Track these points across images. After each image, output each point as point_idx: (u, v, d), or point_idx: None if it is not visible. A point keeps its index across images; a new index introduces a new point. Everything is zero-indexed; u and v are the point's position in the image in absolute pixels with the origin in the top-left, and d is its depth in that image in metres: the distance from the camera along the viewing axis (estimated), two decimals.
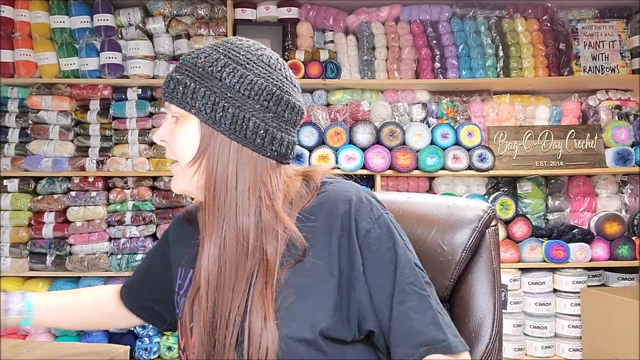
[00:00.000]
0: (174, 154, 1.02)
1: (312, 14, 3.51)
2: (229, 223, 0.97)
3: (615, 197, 3.49)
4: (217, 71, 0.97)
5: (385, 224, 0.99)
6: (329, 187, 1.05)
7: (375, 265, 0.95)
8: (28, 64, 3.32)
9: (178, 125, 1.01)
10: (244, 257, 0.97)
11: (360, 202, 0.99)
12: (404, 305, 0.93)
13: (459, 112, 3.49)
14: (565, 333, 3.32)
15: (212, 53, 0.99)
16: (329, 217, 0.98)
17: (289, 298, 0.93)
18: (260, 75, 0.98)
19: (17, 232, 3.27)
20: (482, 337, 1.14)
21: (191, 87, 0.97)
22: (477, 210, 1.20)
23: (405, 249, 0.98)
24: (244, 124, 0.97)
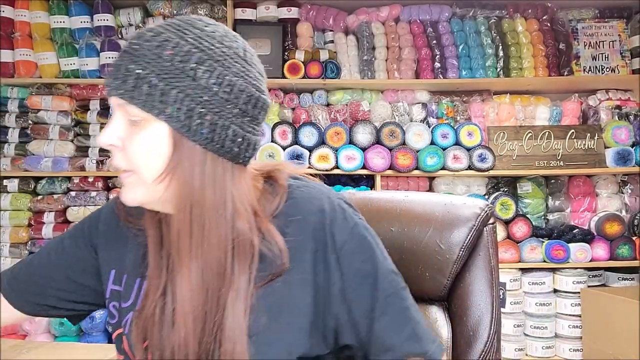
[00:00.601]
0: (129, 163, 0.86)
1: (312, 14, 3.51)
2: (210, 245, 0.85)
3: (615, 197, 3.49)
4: (190, 68, 0.81)
5: (360, 234, 0.92)
6: (296, 192, 0.94)
7: (353, 279, 0.89)
8: (28, 64, 3.32)
9: (137, 130, 0.84)
10: (222, 280, 0.86)
11: (334, 212, 0.91)
12: (384, 318, 0.89)
13: (459, 112, 3.49)
14: (565, 333, 3.32)
15: (180, 43, 0.82)
16: (300, 230, 0.89)
17: (261, 321, 0.85)
18: (239, 75, 0.85)
19: (17, 232, 3.27)
20: (480, 335, 1.14)
21: (159, 87, 0.80)
22: (474, 208, 1.20)
23: (383, 258, 0.93)
24: (222, 133, 0.84)
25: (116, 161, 0.87)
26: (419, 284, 1.18)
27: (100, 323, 3.19)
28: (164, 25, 0.84)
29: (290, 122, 3.36)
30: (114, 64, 0.84)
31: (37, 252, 1.11)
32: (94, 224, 1.06)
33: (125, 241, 1.00)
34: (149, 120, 0.82)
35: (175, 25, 0.84)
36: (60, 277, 1.06)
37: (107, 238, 1.03)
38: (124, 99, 0.82)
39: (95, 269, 1.04)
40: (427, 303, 1.22)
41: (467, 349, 1.14)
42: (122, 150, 0.86)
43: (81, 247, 1.05)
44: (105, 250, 1.03)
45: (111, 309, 1.00)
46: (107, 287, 1.01)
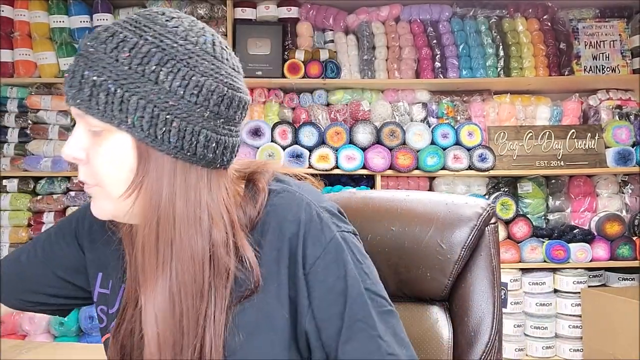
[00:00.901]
0: (94, 177, 0.80)
1: (312, 14, 3.50)
2: (182, 261, 0.78)
3: (616, 197, 3.48)
4: (151, 71, 0.73)
5: (337, 249, 0.83)
6: (276, 199, 0.86)
7: (323, 298, 0.81)
8: (27, 64, 3.31)
9: (99, 141, 0.77)
10: (199, 297, 0.79)
11: (310, 222, 0.83)
12: (350, 344, 0.80)
13: (459, 112, 3.48)
14: (565, 333, 3.32)
15: (139, 43, 0.74)
16: (277, 241, 0.83)
17: (239, 339, 0.80)
18: (208, 74, 0.78)
19: (17, 232, 3.27)
20: (481, 336, 1.14)
21: (118, 94, 0.73)
22: (475, 208, 1.19)
23: (358, 277, 0.83)
24: (193, 139, 0.77)
25: (81, 175, 0.81)
26: (420, 284, 1.17)
27: None
28: (121, 24, 0.77)
29: (290, 122, 3.35)
30: (68, 70, 0.77)
31: (24, 247, 1.07)
32: (81, 223, 1.02)
33: (110, 244, 0.94)
34: (111, 130, 0.76)
35: (133, 23, 0.77)
36: (49, 275, 1.02)
37: (93, 239, 0.99)
38: (81, 109, 0.75)
39: (83, 267, 1.01)
40: (428, 303, 1.21)
41: (469, 349, 1.14)
42: (87, 164, 0.80)
43: (69, 245, 1.02)
44: (91, 251, 0.99)
45: (99, 312, 0.97)
46: (95, 290, 0.97)
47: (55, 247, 1.03)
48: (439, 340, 1.17)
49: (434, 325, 1.19)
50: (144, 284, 0.79)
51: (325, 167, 3.21)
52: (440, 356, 1.15)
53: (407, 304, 1.17)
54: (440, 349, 1.16)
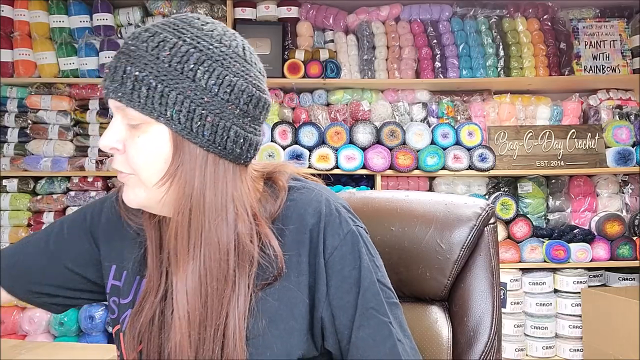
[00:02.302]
0: (130, 167, 0.85)
1: (312, 13, 3.50)
2: (210, 247, 0.84)
3: (616, 197, 3.48)
4: (190, 69, 0.80)
5: (353, 241, 0.90)
6: (296, 194, 0.93)
7: (339, 286, 0.88)
8: (27, 64, 3.31)
9: (138, 134, 0.83)
10: (224, 282, 0.85)
11: (330, 215, 0.90)
12: (363, 330, 0.86)
13: (459, 112, 3.48)
14: (566, 333, 3.31)
15: (178, 43, 0.81)
16: (298, 232, 0.89)
17: (261, 324, 0.85)
18: (239, 74, 0.84)
19: (17, 232, 3.27)
20: (480, 335, 1.14)
21: (158, 89, 0.79)
22: (475, 208, 1.19)
23: (371, 268, 0.90)
24: (224, 134, 0.83)
25: (117, 164, 0.86)
26: (419, 284, 1.17)
27: (100, 323, 3.18)
28: (160, 25, 0.83)
29: (290, 122, 3.35)
30: (110, 66, 0.82)
31: (35, 237, 1.08)
32: (96, 216, 1.04)
33: (126, 237, 0.98)
34: (149, 123, 0.81)
35: (172, 25, 0.83)
36: (58, 267, 1.04)
37: (109, 232, 1.02)
38: (122, 102, 0.80)
39: (96, 260, 1.03)
40: (428, 303, 1.21)
41: (468, 349, 1.14)
42: (123, 154, 0.85)
43: (82, 238, 1.04)
44: (106, 244, 1.02)
45: (111, 304, 1.00)
46: (108, 282, 1.00)
47: (67, 241, 1.04)
48: (439, 340, 1.17)
49: (433, 325, 1.19)
50: (176, 267, 0.85)
51: (325, 167, 3.21)
52: (439, 356, 1.15)
53: (407, 303, 1.17)
54: (439, 349, 1.16)
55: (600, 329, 3.10)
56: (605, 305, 3.05)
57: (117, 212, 1.01)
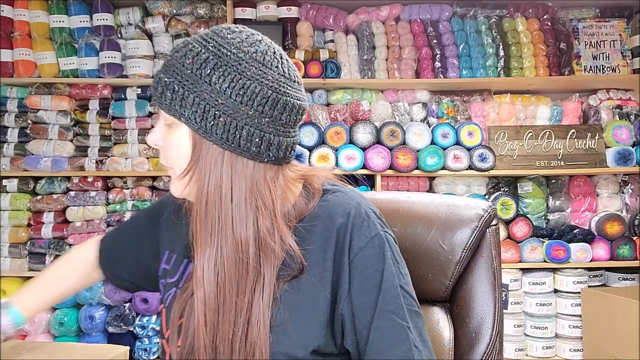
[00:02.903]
0: (167, 161, 0.97)
1: (312, 13, 3.50)
2: (226, 238, 0.91)
3: (616, 197, 3.48)
4: (207, 74, 0.88)
5: (380, 244, 0.93)
6: (330, 196, 0.99)
7: (361, 286, 0.91)
8: (27, 64, 3.31)
9: (171, 132, 0.94)
10: (244, 273, 0.91)
11: (359, 217, 0.94)
12: (380, 332, 0.89)
13: (459, 112, 3.48)
14: (566, 333, 3.32)
15: (201, 51, 0.89)
16: (326, 231, 0.94)
17: (283, 314, 0.90)
18: (254, 78, 0.89)
19: (17, 232, 3.26)
20: (482, 337, 1.14)
21: (179, 92, 0.88)
22: (477, 210, 1.19)
23: (394, 273, 0.93)
24: (237, 133, 0.89)
25: (161, 159, 0.99)
26: (421, 285, 1.17)
27: (100, 323, 3.19)
28: (195, 37, 0.93)
29: None
30: (155, 75, 0.94)
31: (125, 227, 1.30)
32: (163, 207, 1.18)
33: (179, 225, 1.07)
34: (177, 123, 0.91)
35: (203, 36, 0.92)
36: (134, 254, 1.23)
37: (168, 221, 1.14)
38: (156, 104, 0.93)
39: (155, 247, 1.17)
40: (430, 304, 1.22)
41: (470, 350, 1.14)
42: (163, 149, 0.97)
43: (149, 228, 1.20)
44: (164, 232, 1.15)
45: (161, 285, 1.10)
46: (161, 266, 1.11)
47: (144, 231, 1.22)
48: (441, 341, 1.18)
49: (435, 326, 1.19)
50: (196, 252, 0.93)
51: (325, 167, 3.21)
52: (441, 356, 1.15)
53: None
54: (441, 350, 1.16)
55: (600, 329, 3.10)
56: (605, 305, 3.05)
57: (174, 202, 1.11)
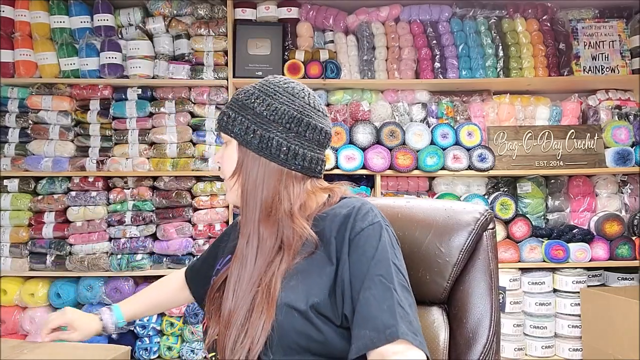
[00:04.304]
0: (223, 173, 1.25)
1: (312, 14, 3.51)
2: (255, 223, 1.16)
3: (615, 197, 3.49)
4: (251, 102, 1.18)
5: (379, 229, 1.10)
6: (345, 200, 1.20)
7: (358, 259, 1.07)
8: (28, 64, 3.32)
9: (226, 149, 1.23)
10: (265, 247, 1.14)
11: (363, 208, 1.13)
12: (368, 291, 1.03)
13: (459, 112, 3.49)
14: (565, 333, 3.33)
15: (250, 90, 1.20)
16: (334, 217, 1.14)
17: (295, 278, 1.09)
18: (284, 103, 1.17)
19: (17, 232, 3.27)
20: (479, 337, 1.15)
21: (232, 116, 1.19)
22: (474, 213, 1.21)
23: (388, 250, 1.08)
24: (269, 143, 1.16)
25: (220, 175, 1.29)
26: (419, 287, 1.19)
27: None
28: (255, 84, 1.23)
29: None
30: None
31: (205, 251, 1.57)
32: (233, 229, 1.42)
33: (232, 237, 1.36)
34: (230, 140, 1.21)
35: (260, 83, 1.23)
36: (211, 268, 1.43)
37: (234, 232, 1.36)
38: (219, 130, 1.23)
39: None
40: (428, 305, 1.23)
41: (467, 351, 1.15)
42: (221, 165, 1.26)
43: (218, 248, 1.47)
44: (229, 241, 1.38)
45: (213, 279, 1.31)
46: (216, 267, 1.34)
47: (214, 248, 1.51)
48: (435, 341, 1.20)
49: (430, 326, 1.21)
50: (242, 232, 1.19)
51: (325, 168, 3.21)
52: (436, 356, 1.17)
53: None
54: (436, 350, 1.18)
55: (599, 329, 3.11)
56: (605, 305, 3.06)
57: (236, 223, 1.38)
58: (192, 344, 3.27)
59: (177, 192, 3.28)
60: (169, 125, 3.30)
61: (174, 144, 3.30)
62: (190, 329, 3.25)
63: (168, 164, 3.27)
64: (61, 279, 3.31)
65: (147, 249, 3.27)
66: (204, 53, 3.37)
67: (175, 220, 3.30)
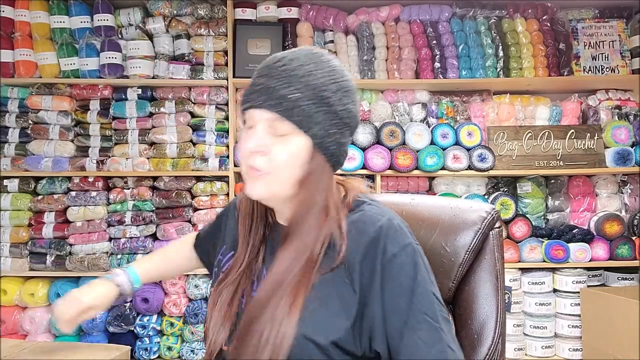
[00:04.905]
0: (270, 166, 1.03)
1: (312, 14, 3.51)
2: (308, 236, 1.03)
3: (615, 197, 3.49)
4: (329, 97, 1.02)
5: (412, 253, 1.02)
6: (365, 207, 1.09)
7: (394, 290, 0.98)
8: (28, 64, 3.31)
9: (283, 141, 1.02)
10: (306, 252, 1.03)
11: (392, 227, 1.03)
12: (415, 333, 0.95)
13: (459, 112, 3.49)
14: (565, 333, 3.33)
15: (320, 74, 1.03)
16: (360, 237, 1.02)
17: (314, 302, 0.99)
18: (355, 105, 1.09)
19: (17, 232, 3.26)
20: (484, 338, 1.14)
21: (311, 110, 1.00)
22: (480, 212, 1.20)
23: (427, 279, 1.00)
24: (341, 151, 1.07)
25: (258, 162, 1.04)
26: None
27: (100, 323, 3.20)
28: (301, 55, 1.05)
29: None
30: (262, 83, 1.03)
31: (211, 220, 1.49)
32: (228, 213, 1.36)
33: (235, 227, 1.24)
34: (293, 134, 1.02)
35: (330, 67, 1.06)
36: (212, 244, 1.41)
37: (231, 224, 1.30)
38: (281, 115, 1.01)
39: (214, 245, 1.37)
40: None
41: (472, 351, 1.15)
42: (266, 155, 1.03)
43: (219, 227, 1.38)
44: (227, 232, 1.31)
45: (215, 271, 1.27)
46: (216, 256, 1.28)
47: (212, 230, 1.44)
48: None
49: None
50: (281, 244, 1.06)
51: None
52: None
53: None
54: None
55: (599, 329, 3.11)
56: (605, 305, 3.06)
57: (236, 206, 1.30)
58: (192, 344, 3.26)
59: (177, 192, 3.28)
60: (169, 125, 3.30)
61: (174, 144, 3.30)
62: (190, 329, 3.24)
63: (168, 164, 3.26)
64: (61, 279, 3.30)
65: (147, 249, 3.26)
66: (204, 53, 3.36)
67: (175, 220, 3.29)
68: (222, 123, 3.34)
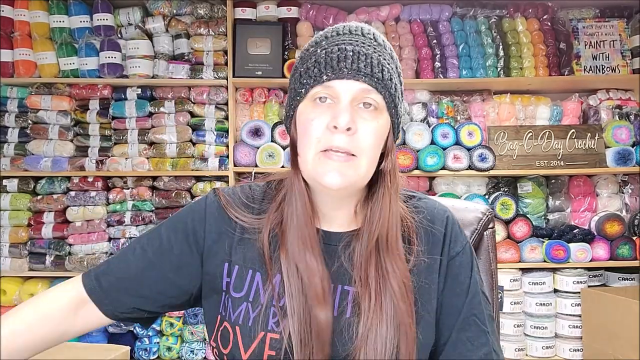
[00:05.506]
0: (355, 147, 0.89)
1: (312, 14, 3.50)
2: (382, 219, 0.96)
3: (615, 197, 3.48)
4: (401, 79, 0.97)
5: (470, 252, 1.03)
6: (420, 202, 1.05)
7: (453, 289, 0.99)
8: (27, 64, 3.31)
9: (370, 117, 0.90)
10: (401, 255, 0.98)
11: (454, 225, 1.03)
12: (464, 333, 0.97)
13: (459, 112, 3.48)
14: (565, 333, 3.32)
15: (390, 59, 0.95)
16: (429, 235, 1.00)
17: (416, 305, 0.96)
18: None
19: (17, 232, 3.27)
20: None
21: (399, 88, 0.95)
22: (476, 213, 1.20)
23: (478, 280, 1.02)
24: (399, 128, 1.00)
25: (342, 143, 0.88)
26: None
27: None
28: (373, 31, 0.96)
29: None
30: (353, 50, 0.89)
31: (129, 249, 1.06)
32: (200, 221, 1.03)
33: (233, 236, 1.01)
34: (379, 111, 0.91)
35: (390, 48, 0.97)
36: (158, 277, 1.02)
37: (219, 233, 1.02)
38: (375, 87, 0.89)
39: (192, 267, 1.03)
40: None
41: None
42: (354, 134, 0.88)
43: (183, 244, 1.03)
44: (216, 244, 1.01)
45: (225, 301, 0.99)
46: (222, 280, 1.00)
47: (166, 246, 1.03)
48: None
49: None
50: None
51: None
52: None
53: None
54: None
55: (600, 329, 3.10)
56: (605, 305, 3.05)
57: (222, 212, 1.02)
58: (192, 344, 3.26)
59: (177, 192, 3.28)
60: (168, 125, 3.29)
61: (174, 144, 3.29)
62: (189, 330, 3.24)
63: (167, 164, 3.26)
64: (61, 279, 3.30)
65: None
66: (203, 53, 3.36)
67: None
68: (221, 123, 3.34)
